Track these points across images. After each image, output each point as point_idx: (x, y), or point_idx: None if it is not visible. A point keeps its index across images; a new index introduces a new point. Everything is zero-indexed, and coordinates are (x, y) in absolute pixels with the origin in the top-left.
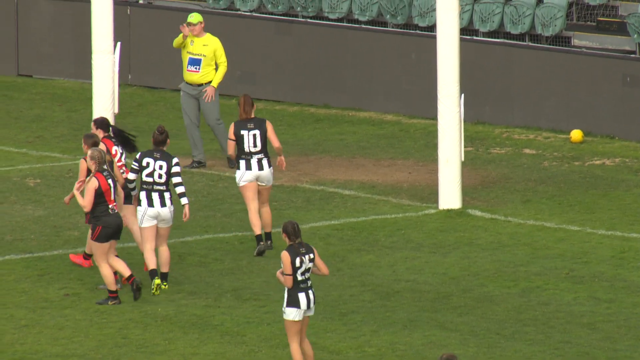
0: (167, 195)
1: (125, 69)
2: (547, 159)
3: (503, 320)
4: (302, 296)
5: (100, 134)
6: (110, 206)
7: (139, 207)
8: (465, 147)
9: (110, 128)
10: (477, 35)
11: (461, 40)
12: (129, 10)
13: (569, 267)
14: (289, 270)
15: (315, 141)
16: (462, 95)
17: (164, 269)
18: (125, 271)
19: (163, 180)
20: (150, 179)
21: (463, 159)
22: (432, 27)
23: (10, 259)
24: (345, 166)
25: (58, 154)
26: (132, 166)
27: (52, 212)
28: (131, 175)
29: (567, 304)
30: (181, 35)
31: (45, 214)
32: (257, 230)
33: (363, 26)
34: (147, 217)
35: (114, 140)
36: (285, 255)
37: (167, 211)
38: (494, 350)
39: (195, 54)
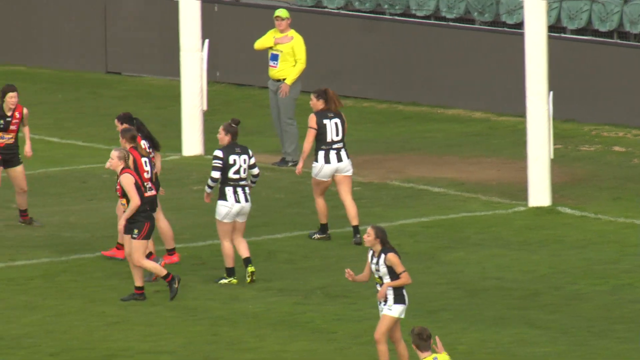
0: (247, 189)
1: (213, 66)
2: (636, 156)
3: (592, 318)
4: None
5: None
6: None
7: (224, 203)
8: (554, 144)
9: (135, 121)
10: (564, 33)
11: (549, 37)
12: (216, 8)
13: None
14: (401, 268)
15: (403, 138)
16: (551, 92)
17: (247, 253)
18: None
19: (246, 174)
20: (237, 176)
21: (552, 157)
22: (519, 25)
23: (100, 255)
24: (434, 163)
25: None
26: (216, 164)
27: None
28: (216, 174)
29: None
30: (264, 37)
31: None
32: (325, 219)
33: (450, 23)
34: (232, 213)
35: (140, 134)
36: (394, 257)
37: (249, 206)
38: (584, 348)
39: (275, 50)
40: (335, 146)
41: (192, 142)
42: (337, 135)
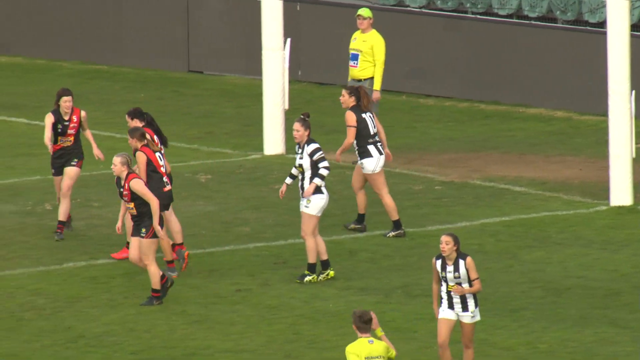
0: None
1: (295, 65)
2: None
3: None
4: None
5: (138, 123)
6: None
7: (321, 196)
8: (636, 143)
9: (145, 116)
10: None
11: (632, 36)
12: (298, 7)
13: None
14: (476, 273)
15: (484, 137)
16: (633, 92)
17: (326, 256)
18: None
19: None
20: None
21: (634, 156)
22: (602, 24)
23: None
24: (515, 162)
25: (229, 150)
26: (323, 154)
27: (222, 208)
28: (327, 163)
29: None
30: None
31: (215, 210)
32: (397, 215)
33: (533, 22)
34: (324, 206)
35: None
36: (472, 261)
37: None
38: None
39: (354, 49)
40: (377, 138)
41: (273, 141)
42: (375, 127)
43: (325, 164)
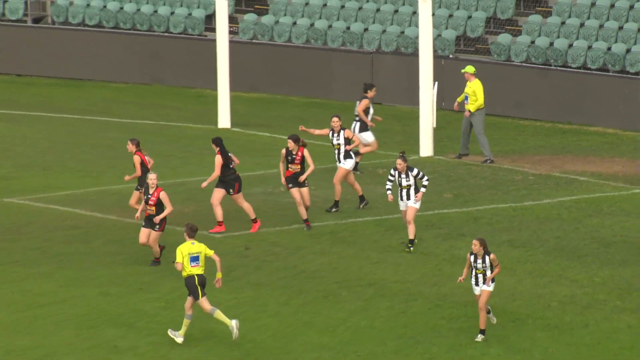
0: None
1: (440, 98)
2: None
3: None
4: None
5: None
6: None
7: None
8: None
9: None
10: None
11: None
12: (443, 62)
13: None
14: (497, 262)
15: (562, 145)
16: None
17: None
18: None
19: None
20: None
21: None
22: (638, 73)
23: (364, 221)
24: (582, 162)
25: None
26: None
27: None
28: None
29: None
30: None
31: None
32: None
33: (594, 72)
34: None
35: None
36: (495, 256)
37: None
38: None
39: (466, 92)
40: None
41: (426, 148)
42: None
43: (427, 179)
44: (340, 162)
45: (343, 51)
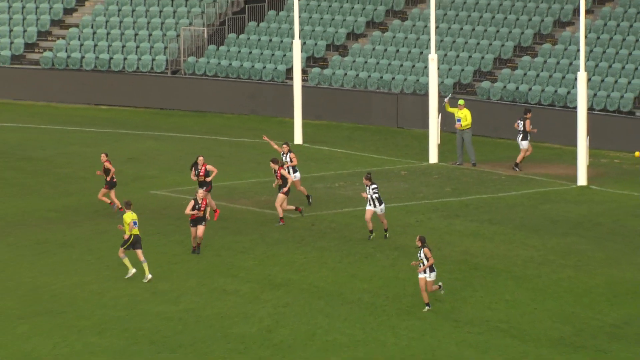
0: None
1: (442, 124)
2: None
3: None
4: None
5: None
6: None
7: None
8: None
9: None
10: None
11: None
12: (445, 99)
13: None
14: (430, 256)
15: None
16: None
17: None
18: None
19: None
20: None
21: None
22: None
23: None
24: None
25: (413, 160)
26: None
27: (411, 186)
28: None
29: None
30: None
31: (406, 187)
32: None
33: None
34: None
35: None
36: (428, 250)
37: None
38: None
39: (458, 116)
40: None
41: (433, 157)
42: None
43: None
44: (291, 174)
45: (378, 92)
